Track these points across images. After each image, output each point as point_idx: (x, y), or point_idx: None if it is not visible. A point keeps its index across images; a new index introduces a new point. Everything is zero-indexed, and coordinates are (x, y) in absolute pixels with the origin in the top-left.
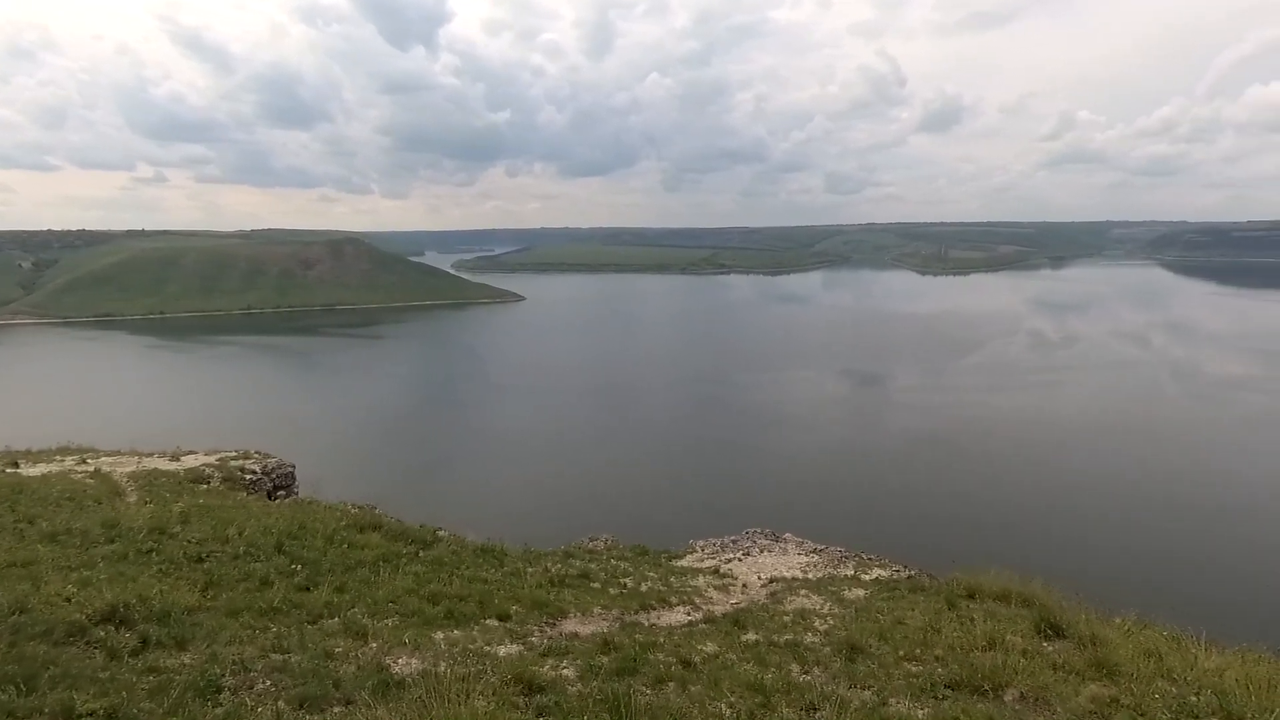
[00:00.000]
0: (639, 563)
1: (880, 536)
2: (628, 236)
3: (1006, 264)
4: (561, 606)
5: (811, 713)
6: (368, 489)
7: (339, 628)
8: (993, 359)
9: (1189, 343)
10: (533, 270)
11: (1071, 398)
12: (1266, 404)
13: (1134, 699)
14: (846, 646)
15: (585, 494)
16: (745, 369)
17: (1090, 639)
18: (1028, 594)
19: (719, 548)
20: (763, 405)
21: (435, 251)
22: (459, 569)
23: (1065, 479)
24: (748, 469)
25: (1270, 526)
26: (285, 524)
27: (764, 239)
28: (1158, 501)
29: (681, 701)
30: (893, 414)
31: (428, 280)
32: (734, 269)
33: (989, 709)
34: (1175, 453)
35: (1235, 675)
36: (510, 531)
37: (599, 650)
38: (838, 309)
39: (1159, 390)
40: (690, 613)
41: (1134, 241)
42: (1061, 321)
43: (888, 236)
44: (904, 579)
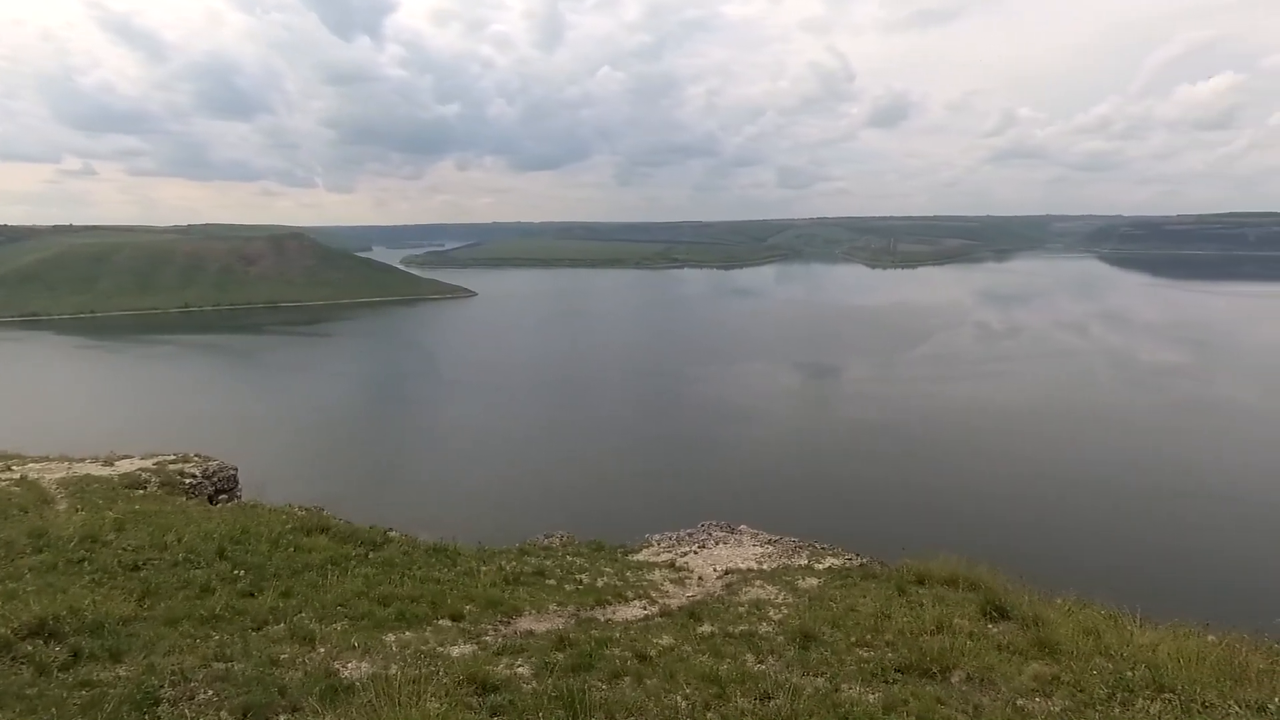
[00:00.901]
0: (595, 558)
1: (834, 526)
2: (580, 231)
3: (953, 257)
4: (516, 605)
5: (766, 701)
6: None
7: (285, 633)
8: (941, 350)
9: (1125, 333)
10: (484, 266)
11: (1016, 387)
12: (1197, 390)
13: (1073, 676)
14: (800, 635)
15: (540, 491)
16: (700, 363)
17: (1033, 619)
18: (974, 578)
19: (675, 541)
20: (718, 399)
21: (383, 247)
22: (410, 570)
23: (1010, 466)
24: (703, 462)
25: (1200, 507)
26: (227, 528)
27: (717, 233)
28: (1097, 485)
29: (637, 695)
30: (845, 405)
31: (376, 276)
32: (688, 263)
33: (937, 691)
34: (1113, 439)
35: (1168, 650)
36: (464, 530)
37: (554, 647)
38: (791, 303)
39: (1098, 379)
40: (646, 607)
41: (1073, 235)
42: (1006, 313)
43: (839, 230)
44: (856, 567)
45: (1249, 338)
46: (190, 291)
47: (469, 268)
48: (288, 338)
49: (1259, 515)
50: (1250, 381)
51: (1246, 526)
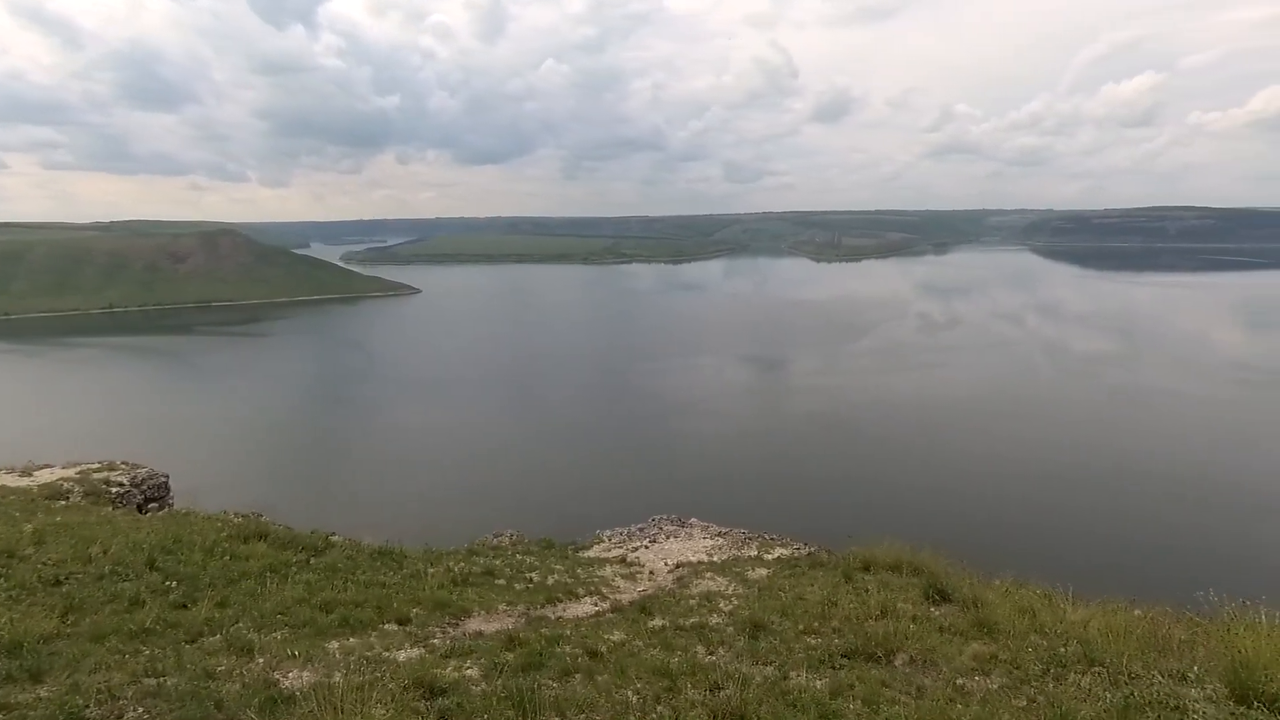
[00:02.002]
0: (545, 556)
1: (783, 516)
2: (527, 226)
3: (895, 250)
4: (465, 606)
5: (716, 692)
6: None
7: (221, 645)
8: (885, 342)
9: (1058, 323)
10: (428, 262)
11: (957, 377)
12: (1124, 378)
13: (1011, 654)
14: (750, 625)
15: (489, 489)
16: (650, 358)
17: (973, 601)
18: (918, 563)
19: (626, 536)
20: (667, 393)
21: (321, 243)
22: (354, 574)
23: (953, 453)
24: (653, 456)
25: (1129, 487)
26: (158, 538)
27: (665, 228)
28: (1033, 470)
29: (588, 692)
30: (792, 397)
31: (314, 273)
32: (636, 258)
33: (882, 674)
34: (1048, 425)
35: (1098, 625)
36: (411, 533)
37: (504, 647)
38: (739, 297)
39: (1034, 368)
40: (598, 603)
41: (1008, 228)
42: (946, 304)
43: (784, 225)
44: (804, 556)
45: (1169, 326)
46: (114, 291)
47: (412, 264)
48: (221, 338)
49: (1183, 494)
50: (1172, 367)
51: (1173, 505)
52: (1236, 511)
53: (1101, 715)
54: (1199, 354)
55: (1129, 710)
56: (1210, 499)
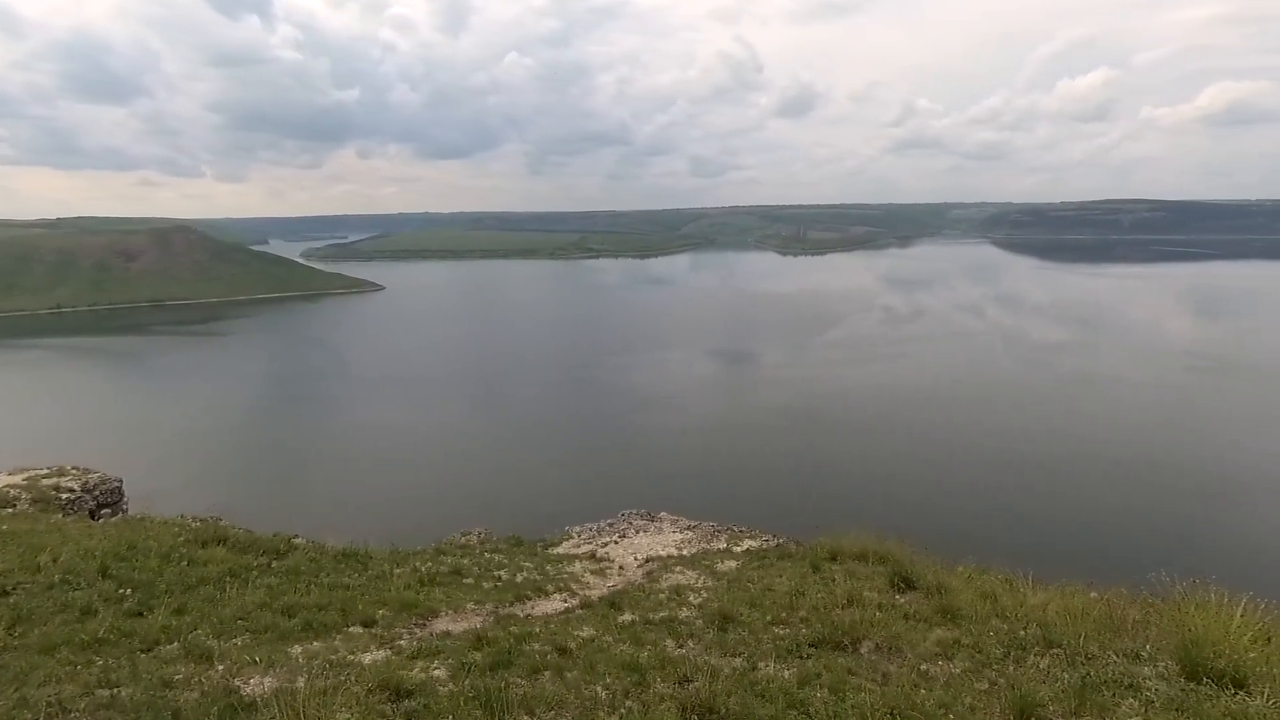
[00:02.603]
0: (514, 554)
1: (752, 509)
2: (492, 221)
3: (859, 244)
4: (432, 606)
5: (685, 685)
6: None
7: (179, 653)
8: (850, 334)
9: (1017, 314)
10: (391, 258)
11: (921, 368)
12: (1081, 366)
13: (973, 638)
14: (719, 617)
15: (457, 488)
16: (617, 353)
17: (937, 588)
18: (883, 552)
19: (595, 532)
20: (635, 387)
21: (281, 239)
22: (318, 577)
23: (918, 442)
24: (622, 451)
25: (1087, 473)
26: (111, 545)
27: (631, 222)
28: (996, 457)
29: (557, 689)
30: (761, 390)
31: (274, 270)
32: (603, 253)
33: (848, 662)
34: (1009, 414)
35: (1056, 608)
36: (377, 533)
37: (472, 646)
38: (706, 290)
39: (995, 358)
40: (567, 599)
41: (969, 221)
42: (910, 297)
43: (750, 219)
44: (773, 548)
45: (1123, 316)
46: (62, 291)
47: (375, 260)
48: (177, 338)
49: (1138, 478)
50: (1126, 356)
51: (1128, 489)
52: (1187, 493)
53: (1059, 695)
54: (1151, 343)
55: (1085, 689)
56: (1163, 482)
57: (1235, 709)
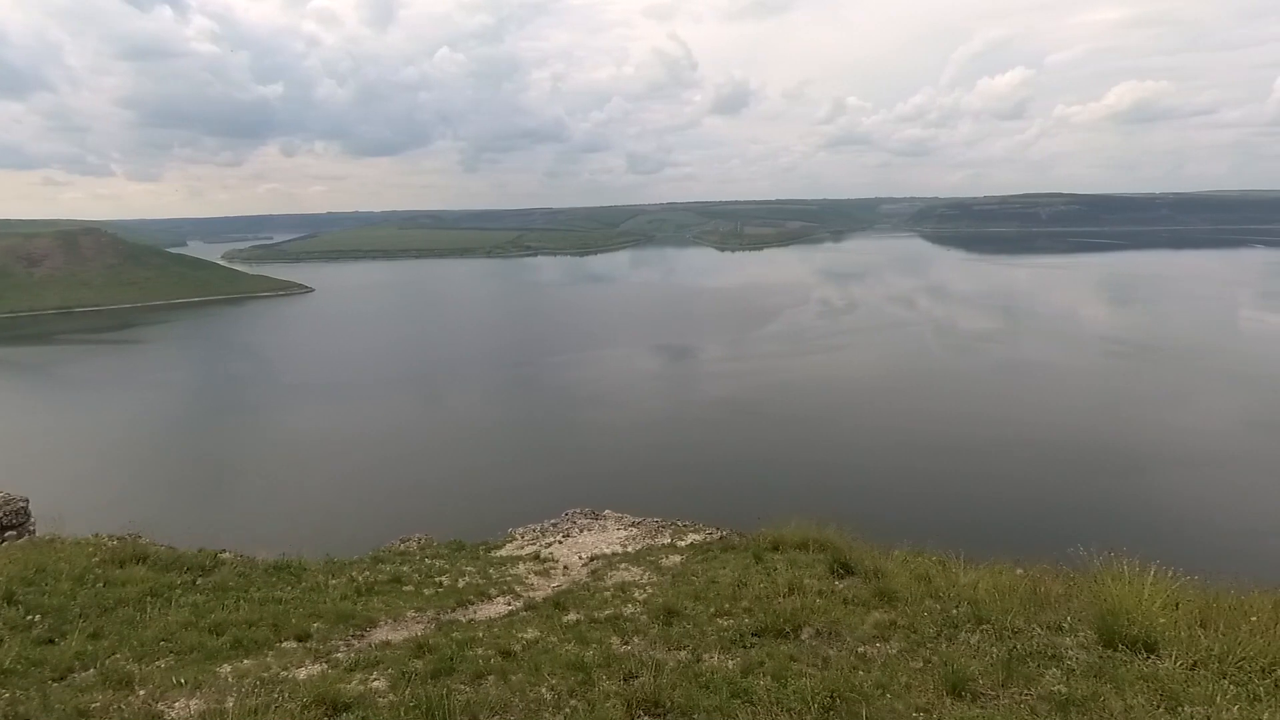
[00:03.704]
0: (455, 558)
1: (696, 502)
2: (426, 220)
3: (795, 239)
4: (370, 616)
5: (630, 681)
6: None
7: (95, 679)
8: (789, 327)
9: (946, 304)
10: (320, 258)
11: (857, 358)
12: (1007, 354)
13: (908, 619)
14: (664, 612)
15: (395, 494)
16: (559, 351)
17: (874, 572)
18: (824, 539)
19: (539, 532)
20: (578, 385)
21: (201, 241)
22: (247, 592)
23: (854, 430)
24: (565, 450)
25: (1015, 454)
26: (17, 568)
27: (569, 219)
28: (929, 443)
29: (502, 693)
30: (702, 384)
31: (193, 274)
32: (541, 250)
33: (790, 648)
34: (939, 400)
35: (986, 586)
36: (311, 544)
37: (413, 655)
38: (646, 287)
39: (926, 347)
40: (511, 602)
41: (899, 215)
42: (845, 289)
43: (688, 215)
44: (717, 540)
45: (1044, 304)
46: None
47: (303, 261)
48: (88, 347)
49: (1061, 457)
50: (1047, 342)
51: (1053, 469)
52: (1106, 471)
53: (988, 669)
54: (1070, 329)
55: (1012, 662)
56: (1084, 461)
57: (1147, 671)
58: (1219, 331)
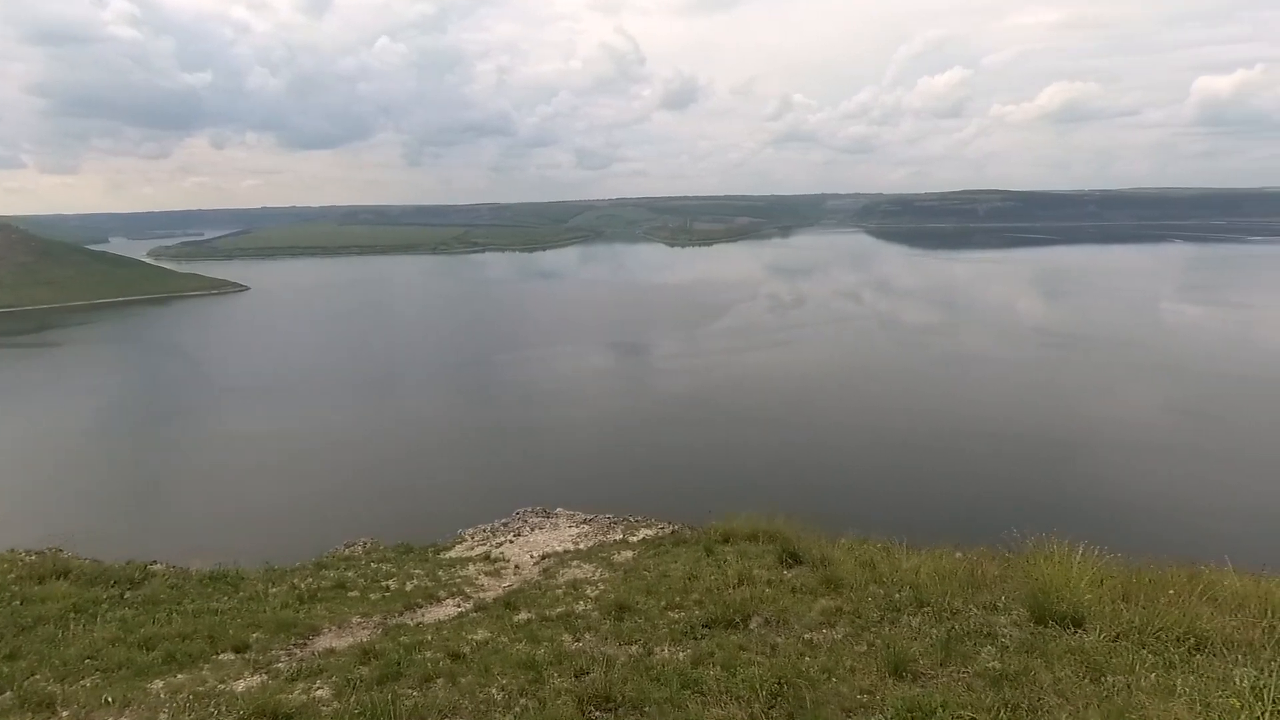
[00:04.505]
0: (403, 562)
1: (647, 498)
2: (368, 215)
3: (744, 234)
4: (313, 623)
5: (582, 677)
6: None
7: (13, 702)
8: (739, 322)
9: (890, 298)
10: (255, 256)
11: (805, 352)
12: (947, 346)
13: (854, 605)
14: (616, 608)
15: (339, 498)
16: (507, 348)
17: (821, 561)
18: (773, 530)
19: (490, 532)
20: (528, 383)
21: (125, 237)
22: (180, 604)
23: (802, 422)
24: (515, 449)
25: (953, 444)
26: None
27: (517, 215)
28: (875, 434)
29: (451, 696)
30: (654, 380)
31: (117, 272)
32: (488, 247)
33: (739, 638)
34: (886, 391)
35: (927, 570)
36: (250, 551)
37: (358, 661)
38: (597, 283)
39: (870, 340)
40: (461, 604)
41: (844, 211)
42: (793, 284)
43: (638, 211)
44: (668, 535)
45: (983, 298)
46: None
47: (236, 259)
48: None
49: (999, 446)
50: (986, 334)
51: (992, 456)
52: (1042, 458)
53: (928, 650)
54: (1007, 321)
55: (950, 642)
56: (1020, 448)
57: (1074, 645)
58: (1143, 324)
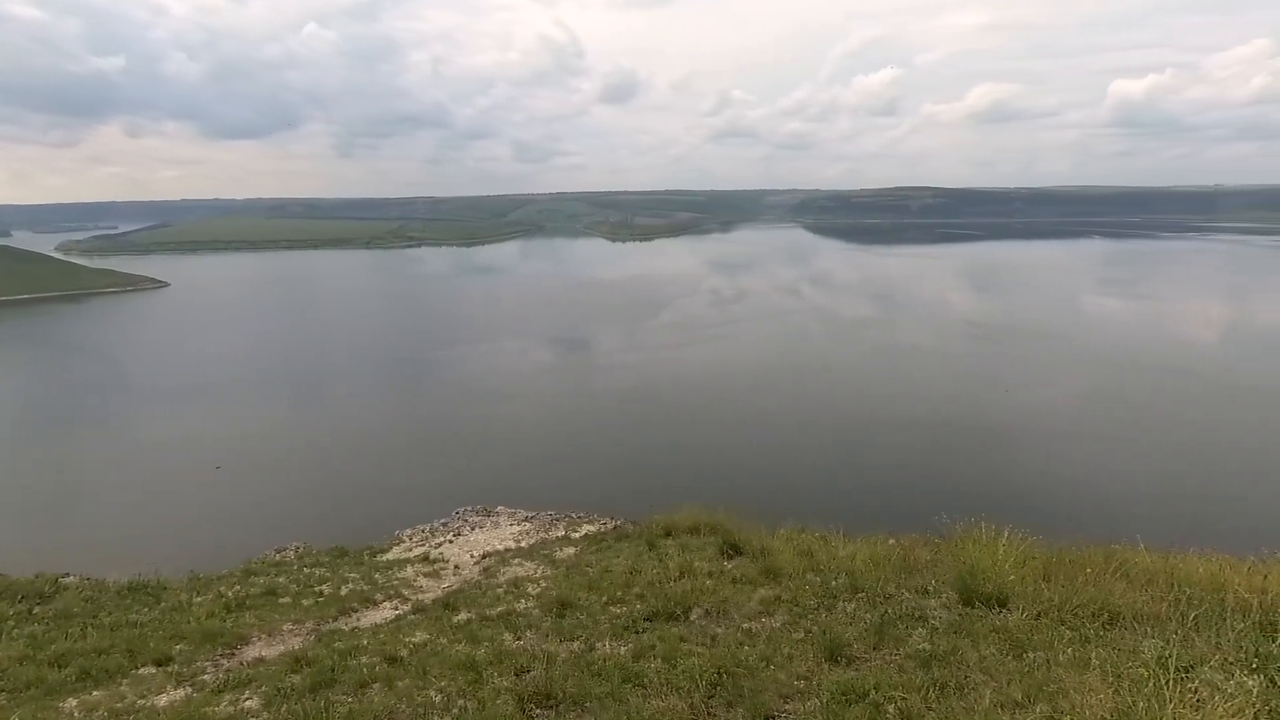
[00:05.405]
0: (337, 565)
1: (590, 494)
2: (296, 208)
3: (684, 229)
4: (241, 632)
5: (522, 676)
6: None
7: None
8: (681, 316)
9: (828, 292)
10: (175, 250)
11: (746, 346)
12: (882, 338)
13: (792, 593)
14: (557, 604)
15: (269, 501)
16: (446, 345)
17: (761, 551)
18: (714, 523)
19: (429, 533)
20: (467, 380)
21: (29, 231)
22: (96, 618)
23: (744, 415)
24: (456, 447)
25: (887, 433)
26: None
27: (454, 209)
28: (813, 424)
29: (387, 700)
30: (596, 375)
31: (20, 267)
32: (425, 241)
33: (680, 630)
34: (824, 383)
35: (863, 557)
36: (173, 561)
37: (290, 669)
38: (537, 278)
39: (810, 333)
40: (398, 606)
41: (782, 207)
42: (733, 279)
43: (578, 205)
44: (611, 530)
45: (915, 291)
46: None
47: (153, 254)
48: None
49: (931, 435)
50: (920, 327)
51: (925, 444)
52: (970, 446)
53: (862, 634)
54: (938, 314)
55: (884, 626)
56: (952, 436)
57: (999, 624)
58: (1064, 317)
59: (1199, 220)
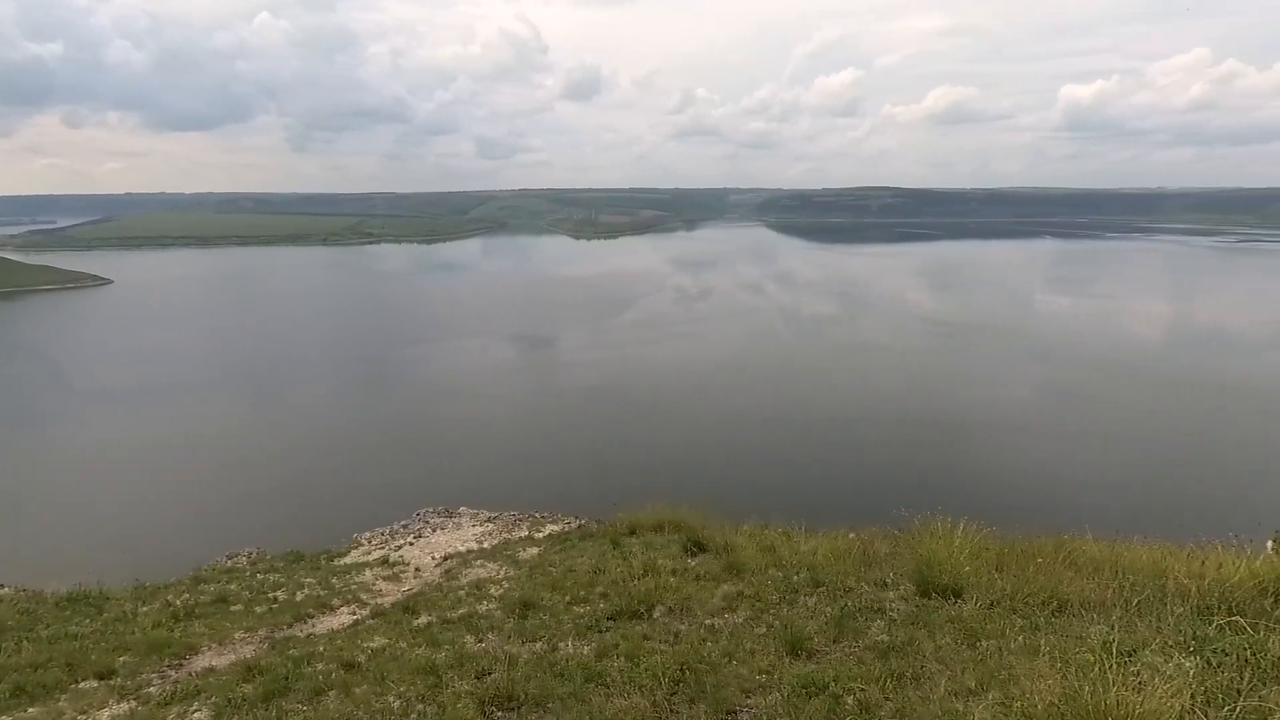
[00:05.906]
0: (293, 571)
1: (554, 494)
2: (248, 203)
3: (648, 227)
4: (190, 642)
5: (483, 678)
6: None
7: None
8: (646, 314)
9: (791, 290)
10: (118, 246)
11: (711, 343)
12: (843, 335)
13: (754, 589)
14: (520, 605)
15: (221, 506)
16: (407, 343)
17: (725, 548)
18: (678, 520)
19: (388, 535)
20: (428, 379)
21: None
22: (33, 631)
23: (709, 412)
24: (415, 448)
25: (849, 430)
26: None
27: (414, 205)
28: (777, 421)
29: (344, 708)
30: (560, 373)
31: None
32: (384, 238)
33: (643, 628)
34: (788, 380)
35: (823, 552)
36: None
37: (241, 679)
38: (501, 275)
39: (775, 331)
40: (356, 611)
41: (746, 206)
42: (698, 277)
43: (541, 202)
44: (575, 529)
45: (876, 289)
46: None
47: (96, 249)
48: None
49: (891, 431)
50: (880, 324)
51: (884, 439)
52: (928, 440)
53: (823, 627)
54: (898, 311)
55: (843, 619)
56: (911, 431)
57: (954, 614)
58: (1019, 313)
59: (1143, 221)
